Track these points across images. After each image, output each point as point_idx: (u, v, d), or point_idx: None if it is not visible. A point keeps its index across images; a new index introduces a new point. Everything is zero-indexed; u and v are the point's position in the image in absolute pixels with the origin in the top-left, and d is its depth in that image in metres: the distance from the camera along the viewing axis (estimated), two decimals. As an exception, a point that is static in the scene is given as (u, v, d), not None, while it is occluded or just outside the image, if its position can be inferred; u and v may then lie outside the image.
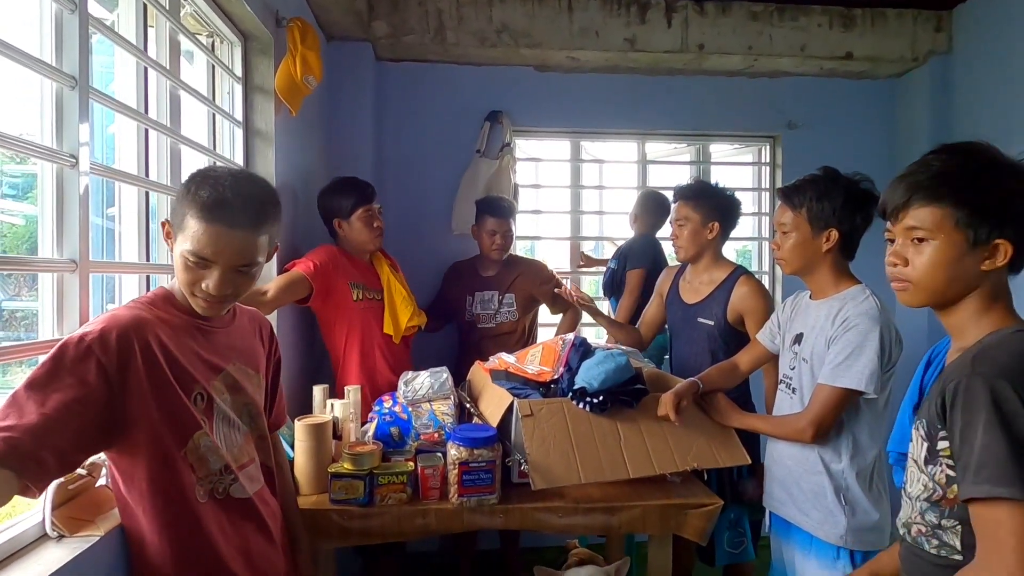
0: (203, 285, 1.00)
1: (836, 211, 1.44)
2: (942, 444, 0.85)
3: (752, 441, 1.80)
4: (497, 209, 2.46)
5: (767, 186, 3.24)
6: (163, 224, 1.04)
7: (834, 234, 1.45)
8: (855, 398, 1.41)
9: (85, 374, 0.89)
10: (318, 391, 1.77)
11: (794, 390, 1.54)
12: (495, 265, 2.52)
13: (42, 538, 1.00)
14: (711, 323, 1.93)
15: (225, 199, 0.97)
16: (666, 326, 2.18)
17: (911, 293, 0.94)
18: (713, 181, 2.05)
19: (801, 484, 1.50)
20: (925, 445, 0.89)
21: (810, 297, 1.57)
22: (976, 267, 0.88)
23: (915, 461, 0.92)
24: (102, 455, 1.04)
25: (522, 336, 2.54)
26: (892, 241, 0.96)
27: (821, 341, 1.45)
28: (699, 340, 1.97)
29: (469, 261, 2.63)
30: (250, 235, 1.00)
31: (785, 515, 1.55)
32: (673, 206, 2.01)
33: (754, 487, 1.83)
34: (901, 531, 0.97)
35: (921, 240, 0.90)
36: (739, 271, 1.94)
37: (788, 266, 1.54)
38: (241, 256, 1.00)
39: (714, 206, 1.93)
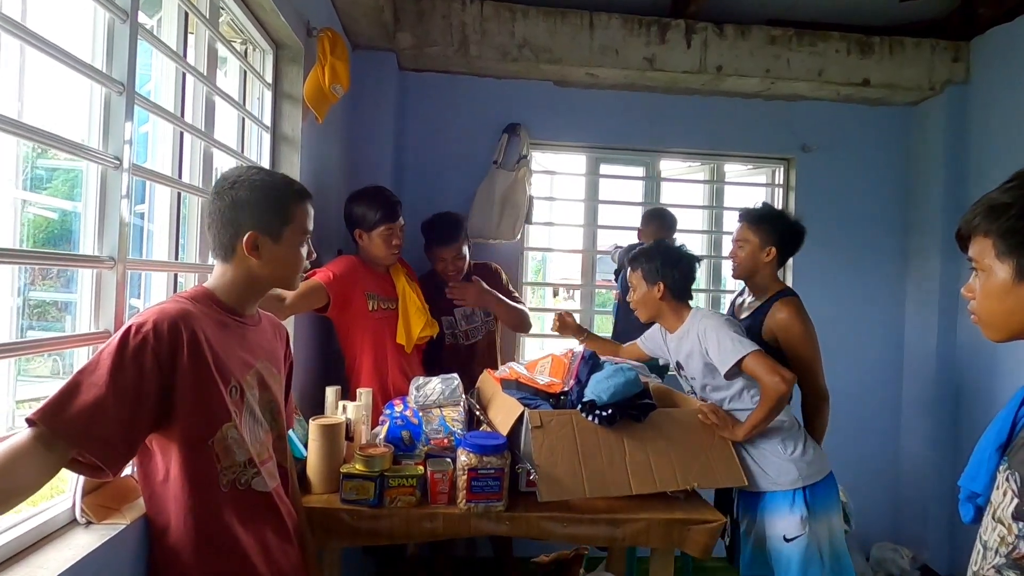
0: (305, 256, 1.20)
1: (658, 268, 1.88)
2: None
3: None
4: (443, 238, 2.29)
5: (780, 208, 3.26)
6: (250, 237, 1.10)
7: (662, 285, 1.86)
8: (756, 354, 1.69)
9: (142, 361, 0.95)
10: (330, 392, 1.81)
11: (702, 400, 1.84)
12: (459, 277, 2.37)
13: (71, 524, 1.04)
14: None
15: (301, 185, 1.21)
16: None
17: (981, 326, 0.91)
18: (780, 206, 2.21)
19: (764, 452, 1.77)
20: (1015, 502, 0.82)
21: (669, 333, 1.93)
22: None
23: (996, 509, 0.86)
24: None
25: (494, 348, 2.50)
26: None
27: (692, 358, 1.82)
28: None
29: (430, 277, 2.41)
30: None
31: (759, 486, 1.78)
32: (736, 226, 2.08)
33: None
34: None
35: (983, 271, 0.89)
36: (782, 294, 1.97)
37: (640, 314, 1.97)
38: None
39: (774, 232, 2.00)
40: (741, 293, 2.19)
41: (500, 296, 2.38)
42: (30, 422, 0.87)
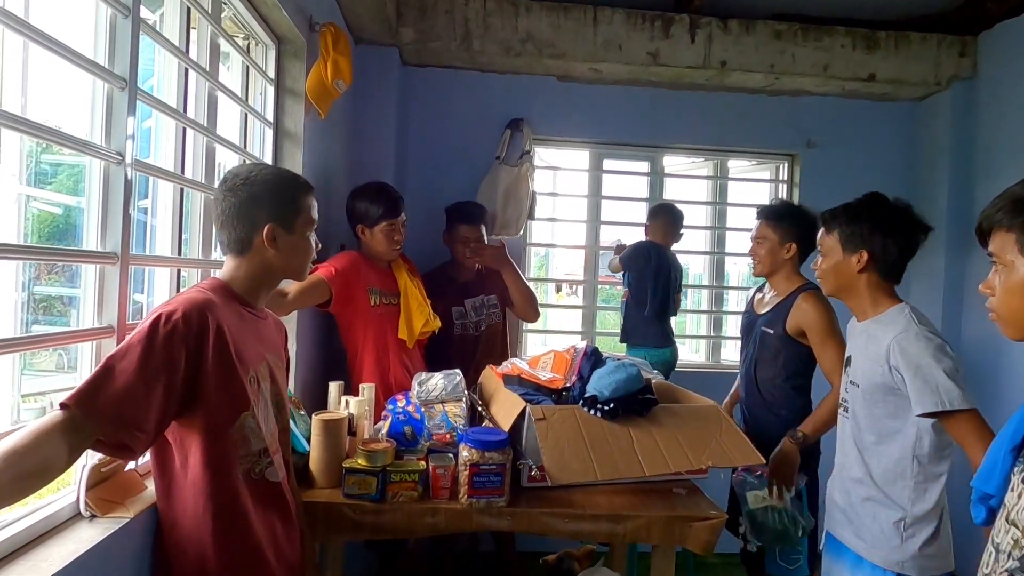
0: (315, 245, 1.25)
1: (864, 234, 1.50)
2: None
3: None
4: (469, 216, 2.45)
5: (797, 204, 3.25)
6: (269, 230, 1.15)
7: (865, 255, 1.50)
8: (973, 416, 1.33)
9: (172, 348, 0.98)
10: (333, 387, 1.81)
11: (849, 412, 1.56)
12: (470, 270, 2.50)
13: (75, 517, 1.05)
14: (771, 331, 2.00)
15: (304, 178, 1.25)
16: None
17: (1000, 324, 0.90)
18: (797, 202, 2.18)
19: (858, 510, 1.51)
20: None
21: (856, 320, 1.59)
22: None
23: (1010, 512, 0.84)
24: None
25: (505, 338, 2.55)
26: None
27: (868, 365, 1.47)
28: (760, 347, 2.04)
29: (440, 270, 2.54)
30: None
31: (841, 537, 1.54)
32: (755, 223, 2.10)
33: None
34: None
35: (1004, 267, 0.87)
36: (805, 287, 1.98)
37: (825, 285, 1.61)
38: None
39: (794, 228, 2.00)
40: (760, 289, 2.18)
41: (516, 267, 2.46)
42: (64, 406, 0.88)
